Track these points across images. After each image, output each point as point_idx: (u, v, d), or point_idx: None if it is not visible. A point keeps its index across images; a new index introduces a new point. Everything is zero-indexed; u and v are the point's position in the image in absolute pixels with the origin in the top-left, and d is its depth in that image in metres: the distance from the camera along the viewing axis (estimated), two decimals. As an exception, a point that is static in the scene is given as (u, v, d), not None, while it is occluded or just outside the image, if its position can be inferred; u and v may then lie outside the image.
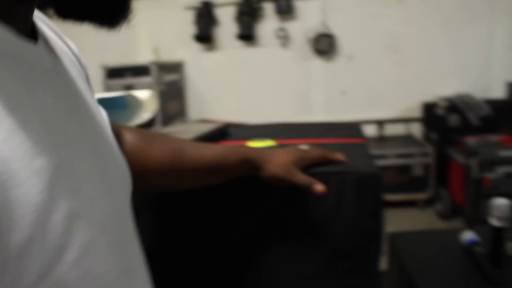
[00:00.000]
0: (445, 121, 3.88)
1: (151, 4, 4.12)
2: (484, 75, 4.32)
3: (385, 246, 1.66)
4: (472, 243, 1.47)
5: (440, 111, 3.93)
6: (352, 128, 1.40)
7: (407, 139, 4.24)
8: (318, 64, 4.14)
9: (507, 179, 3.35)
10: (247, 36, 3.98)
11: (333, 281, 0.96)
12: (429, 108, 4.11)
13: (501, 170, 3.35)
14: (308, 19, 4.02)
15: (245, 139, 1.19)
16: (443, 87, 4.23)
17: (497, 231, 1.34)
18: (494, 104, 3.94)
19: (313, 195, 0.88)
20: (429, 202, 3.97)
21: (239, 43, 4.10)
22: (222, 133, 1.36)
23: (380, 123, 4.22)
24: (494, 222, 1.34)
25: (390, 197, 3.81)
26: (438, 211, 3.87)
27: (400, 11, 4.12)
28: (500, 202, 1.33)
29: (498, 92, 4.27)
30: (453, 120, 3.87)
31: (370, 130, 4.18)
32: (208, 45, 4.16)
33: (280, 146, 1.10)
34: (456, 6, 4.18)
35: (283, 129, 1.40)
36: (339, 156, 0.95)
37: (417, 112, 4.29)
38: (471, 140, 3.61)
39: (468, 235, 1.51)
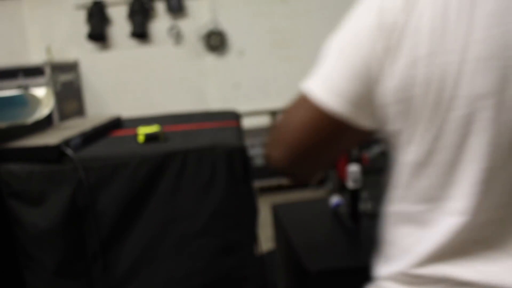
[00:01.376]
0: (329, 109, 4.28)
1: (41, 2, 4.05)
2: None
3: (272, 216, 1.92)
4: (337, 205, 1.77)
5: (324, 100, 4.32)
6: (229, 114, 1.63)
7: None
8: (211, 59, 4.34)
9: (381, 157, 3.81)
10: (140, 34, 4.06)
11: (217, 236, 1.18)
12: (315, 98, 4.50)
13: (376, 149, 3.80)
14: (199, 16, 4.20)
15: (135, 127, 1.35)
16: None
17: (353, 192, 1.65)
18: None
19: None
20: (320, 182, 4.36)
21: (133, 42, 4.17)
22: (116, 123, 1.51)
23: (273, 113, 4.53)
24: (350, 185, 1.64)
25: (285, 181, 4.14)
26: (328, 190, 4.27)
27: (285, 9, 4.46)
28: (353, 168, 1.63)
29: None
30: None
31: (264, 120, 4.48)
32: (102, 44, 4.18)
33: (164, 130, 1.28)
34: (336, 5, 4.60)
35: (169, 117, 1.59)
36: None
37: (305, 102, 4.67)
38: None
39: (334, 199, 1.81)
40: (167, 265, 1.17)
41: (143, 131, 1.24)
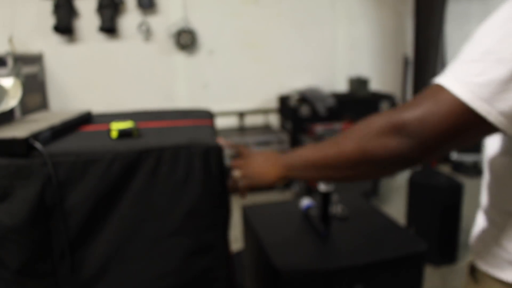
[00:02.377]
0: (297, 111, 4.32)
1: (3, -9, 3.91)
2: (330, 71, 4.88)
3: (241, 218, 1.90)
4: (308, 208, 1.78)
5: (293, 103, 4.36)
6: (202, 113, 1.60)
7: (266, 128, 4.62)
8: (180, 58, 4.30)
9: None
10: (109, 29, 3.98)
11: (190, 236, 1.16)
12: (284, 100, 4.52)
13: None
14: (170, 14, 4.16)
15: (109, 123, 1.31)
16: (296, 80, 4.69)
17: (324, 195, 1.65)
18: (338, 96, 4.49)
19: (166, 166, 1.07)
20: (287, 185, 4.39)
21: (101, 36, 4.08)
22: (86, 118, 1.46)
23: (241, 114, 4.53)
24: (322, 188, 1.65)
25: (252, 182, 4.14)
26: (295, 192, 4.30)
27: (256, 10, 4.47)
28: (325, 170, 1.63)
29: (341, 86, 4.86)
30: (304, 110, 4.33)
31: (232, 121, 4.47)
32: (68, 37, 4.06)
33: (138, 126, 1.24)
34: (305, 9, 4.66)
35: (142, 114, 1.55)
36: None
37: (274, 104, 4.69)
38: (319, 128, 4.09)
39: (305, 202, 1.81)
40: (138, 265, 1.13)
41: (116, 126, 1.20)
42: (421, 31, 4.82)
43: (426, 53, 4.84)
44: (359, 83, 4.59)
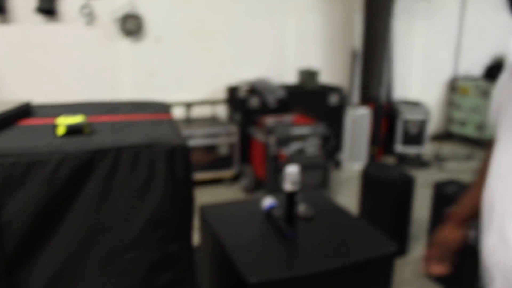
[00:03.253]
0: (247, 103, 4.20)
1: None
2: (279, 62, 4.80)
3: (196, 219, 1.76)
4: (271, 208, 1.67)
5: (242, 94, 4.24)
6: (159, 106, 1.45)
7: (213, 120, 4.47)
8: (125, 44, 4.05)
9: (298, 154, 3.81)
10: (47, 10, 3.66)
11: (151, 249, 1.02)
12: (232, 91, 4.39)
13: (294, 146, 3.80)
14: (115, -3, 3.89)
15: (53, 116, 1.14)
16: (245, 71, 4.56)
17: (290, 195, 1.55)
18: (287, 88, 4.42)
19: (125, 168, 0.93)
20: (235, 179, 4.28)
21: (38, 17, 3.74)
22: (24, 111, 1.27)
23: (188, 105, 4.35)
24: (287, 187, 1.55)
25: (199, 176, 4.00)
26: (243, 186, 4.20)
27: (206, -2, 4.29)
28: (292, 169, 1.53)
29: (291, 77, 4.79)
30: (254, 102, 4.22)
31: (178, 112, 4.28)
32: (1, 17, 3.70)
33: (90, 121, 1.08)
34: (255, -1, 4.54)
35: (93, 106, 1.38)
36: None
37: (222, 95, 4.54)
38: (269, 120, 4.00)
39: (267, 201, 1.71)
40: (91, 284, 0.98)
41: (64, 121, 1.03)
42: (369, 25, 4.85)
43: (374, 47, 4.88)
44: (308, 75, 4.54)
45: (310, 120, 4.02)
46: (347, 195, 4.03)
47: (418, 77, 5.75)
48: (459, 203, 1.25)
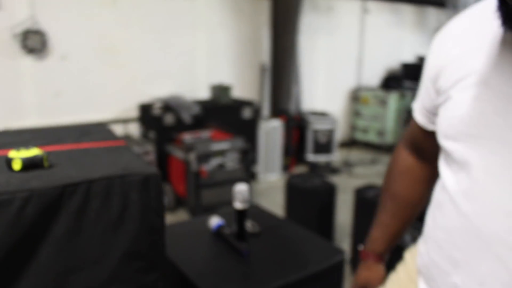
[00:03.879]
0: (161, 120, 4.13)
1: None
2: (191, 78, 4.79)
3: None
4: (219, 226, 1.66)
5: (156, 111, 4.16)
6: (104, 130, 1.39)
7: (126, 138, 4.32)
8: (28, 63, 3.77)
9: (219, 169, 3.82)
10: None
11: (128, 283, 0.96)
12: (145, 109, 4.29)
13: (214, 162, 3.80)
14: (15, 11, 3.60)
15: (-3, 149, 1.04)
16: (157, 88, 4.49)
17: (240, 212, 1.57)
18: (201, 103, 4.42)
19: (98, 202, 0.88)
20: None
21: None
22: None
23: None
24: (238, 205, 1.56)
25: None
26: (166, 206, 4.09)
27: (115, 13, 4.15)
28: (241, 187, 1.55)
29: (203, 93, 4.80)
30: (169, 119, 4.16)
31: (91, 133, 4.07)
32: None
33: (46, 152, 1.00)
34: (165, 15, 4.49)
35: (31, 135, 1.27)
36: None
37: (134, 113, 4.42)
38: (187, 137, 3.97)
39: (214, 220, 1.70)
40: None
41: (18, 154, 0.95)
42: (276, 40, 5.03)
43: (282, 61, 5.07)
44: (221, 90, 4.59)
45: (228, 135, 4.06)
46: (268, 205, 4.12)
47: (323, 89, 6.07)
48: (370, 239, 1.15)
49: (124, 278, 0.96)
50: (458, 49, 0.77)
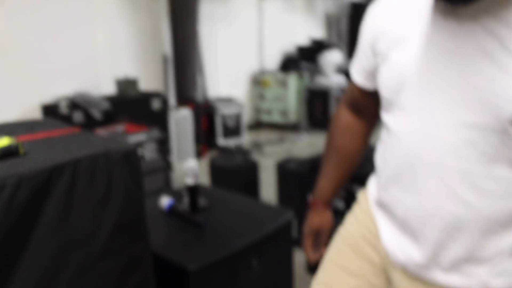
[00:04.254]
0: (70, 119, 3.98)
1: None
2: (94, 74, 4.64)
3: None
4: (172, 205, 1.73)
5: (63, 110, 3.99)
6: (48, 122, 1.38)
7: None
8: None
9: (141, 160, 3.80)
10: None
11: (119, 255, 1.02)
12: (50, 109, 4.09)
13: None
14: None
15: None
16: (60, 87, 4.29)
17: (192, 188, 1.65)
18: (109, 99, 4.32)
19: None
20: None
21: None
22: None
23: (1, 130, 3.90)
24: (190, 181, 1.64)
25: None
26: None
27: (1, 11, 3.88)
28: (191, 164, 1.63)
29: (109, 88, 4.68)
30: (78, 117, 4.02)
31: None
32: None
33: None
34: (59, 9, 4.28)
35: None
36: None
37: (37, 114, 4.19)
38: (102, 133, 3.87)
39: (166, 200, 1.75)
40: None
41: (-5, 145, 0.95)
42: (177, 30, 5.03)
43: (185, 51, 5.09)
44: (127, 84, 4.50)
45: (142, 127, 4.03)
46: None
47: (226, 75, 6.20)
48: (318, 189, 1.26)
49: (116, 250, 1.01)
50: (395, 17, 0.94)
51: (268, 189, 3.66)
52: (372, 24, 1.01)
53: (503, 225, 0.83)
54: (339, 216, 1.33)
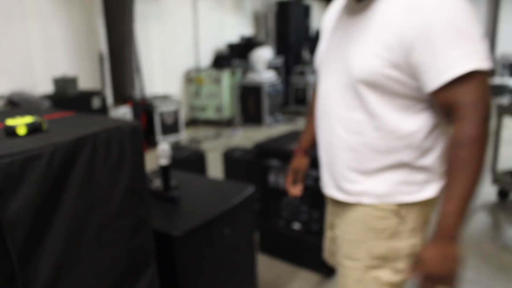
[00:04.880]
0: (9, 119, 3.92)
1: None
2: (30, 72, 4.58)
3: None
4: (145, 186, 1.89)
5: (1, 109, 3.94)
6: (41, 108, 1.51)
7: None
8: None
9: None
10: None
11: (129, 215, 1.20)
12: (-15, 109, 4.01)
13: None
14: None
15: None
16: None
17: (165, 168, 1.83)
18: (48, 97, 4.30)
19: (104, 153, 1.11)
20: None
21: None
22: None
23: None
24: (163, 161, 1.82)
25: None
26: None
27: None
28: (163, 146, 1.81)
29: (45, 87, 4.64)
30: (16, 116, 3.97)
31: None
32: None
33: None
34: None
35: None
36: None
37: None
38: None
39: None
40: (89, 262, 1.10)
41: (19, 122, 1.09)
42: (112, 28, 5.07)
43: (121, 49, 5.14)
44: (65, 83, 4.50)
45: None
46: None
47: (161, 73, 6.31)
48: (300, 141, 1.62)
49: (127, 211, 1.19)
50: (329, 15, 1.37)
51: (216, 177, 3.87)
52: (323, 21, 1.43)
53: (362, 152, 1.19)
54: (285, 196, 1.59)
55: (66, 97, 4.47)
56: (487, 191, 3.80)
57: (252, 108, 6.70)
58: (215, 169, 4.38)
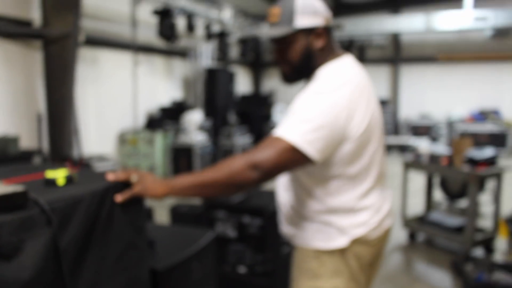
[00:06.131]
0: None
1: None
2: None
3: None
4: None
5: None
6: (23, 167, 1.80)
7: None
8: None
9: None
10: None
11: (136, 249, 1.52)
12: None
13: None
14: None
15: (16, 176, 1.44)
16: None
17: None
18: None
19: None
20: None
21: None
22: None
23: None
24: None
25: None
26: None
27: None
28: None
29: (-16, 146, 4.68)
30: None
31: None
32: None
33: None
34: None
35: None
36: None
37: None
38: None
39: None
40: (112, 282, 1.42)
41: (58, 174, 1.41)
42: (53, 90, 5.26)
43: (61, 110, 5.32)
44: (6, 143, 4.59)
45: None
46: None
47: (96, 134, 6.51)
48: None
49: (134, 244, 1.52)
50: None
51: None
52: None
53: (294, 205, 1.67)
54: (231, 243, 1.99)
55: (8, 156, 4.55)
56: (399, 234, 4.45)
57: (184, 168, 7.02)
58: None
